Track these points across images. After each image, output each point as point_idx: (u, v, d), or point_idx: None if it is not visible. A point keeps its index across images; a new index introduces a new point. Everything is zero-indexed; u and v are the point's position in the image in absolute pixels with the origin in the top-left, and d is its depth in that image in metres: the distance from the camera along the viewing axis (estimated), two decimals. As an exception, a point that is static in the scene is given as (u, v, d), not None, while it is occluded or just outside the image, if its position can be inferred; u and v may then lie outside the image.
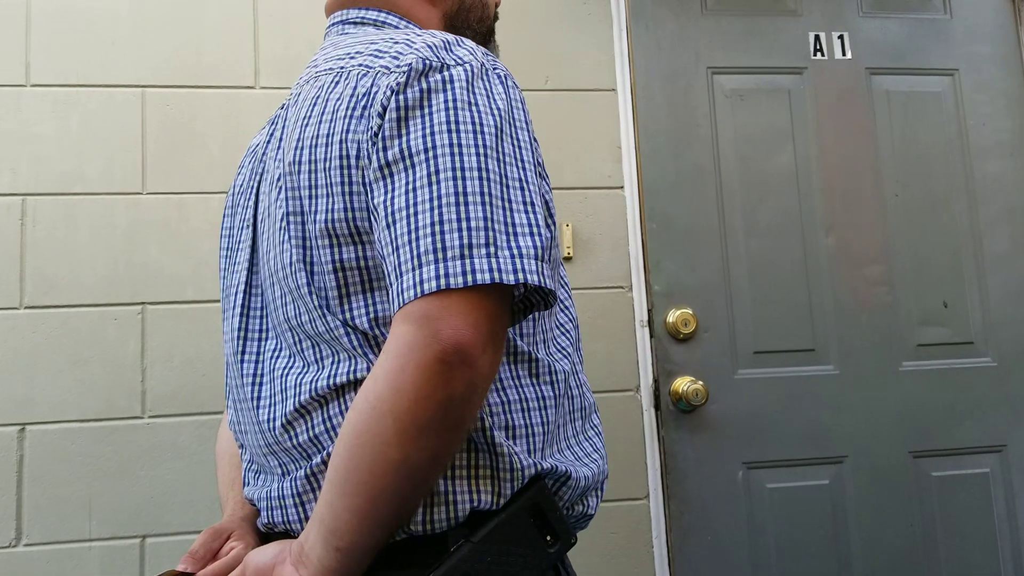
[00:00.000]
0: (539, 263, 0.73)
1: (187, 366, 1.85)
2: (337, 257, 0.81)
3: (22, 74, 1.89)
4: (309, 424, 0.83)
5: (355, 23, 0.99)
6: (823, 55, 2.23)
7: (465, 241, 0.71)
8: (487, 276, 0.70)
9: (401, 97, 0.78)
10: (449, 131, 0.76)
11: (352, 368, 0.81)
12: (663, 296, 2.07)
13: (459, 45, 0.84)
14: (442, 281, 0.70)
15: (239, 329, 0.94)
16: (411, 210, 0.74)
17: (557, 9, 2.13)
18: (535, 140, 0.86)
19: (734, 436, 2.04)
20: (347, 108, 0.82)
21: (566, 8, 2.13)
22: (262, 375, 0.91)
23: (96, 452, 1.80)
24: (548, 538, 0.80)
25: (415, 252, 0.72)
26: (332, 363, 0.83)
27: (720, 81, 2.19)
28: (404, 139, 0.77)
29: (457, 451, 0.76)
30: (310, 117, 0.85)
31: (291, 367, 0.87)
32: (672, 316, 2.04)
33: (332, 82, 0.86)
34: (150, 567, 1.78)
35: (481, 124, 0.77)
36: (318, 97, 0.86)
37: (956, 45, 2.30)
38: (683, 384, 2.00)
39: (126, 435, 1.81)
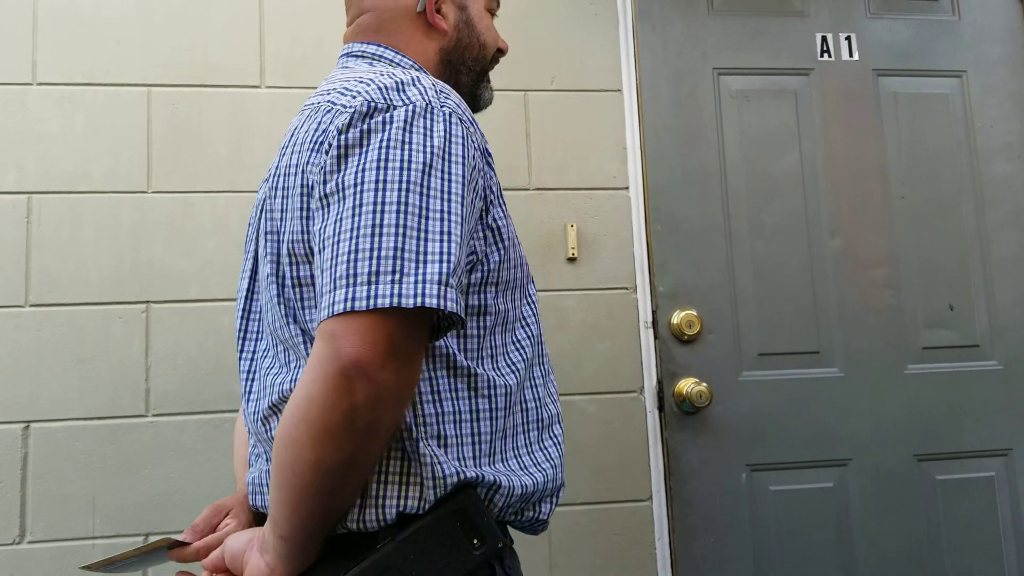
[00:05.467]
0: (442, 288, 0.79)
1: (191, 365, 1.85)
2: (296, 273, 0.92)
3: (28, 72, 1.89)
4: (279, 421, 0.92)
5: (356, 56, 1.09)
6: (830, 56, 2.23)
7: (373, 268, 0.79)
8: (387, 301, 0.77)
9: (343, 137, 0.87)
10: (377, 168, 0.83)
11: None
12: (668, 297, 2.06)
13: (413, 85, 0.91)
14: (348, 304, 0.78)
15: (240, 330, 1.07)
16: (335, 239, 0.82)
17: (563, 9, 2.12)
18: (488, 168, 0.94)
19: (738, 438, 2.04)
20: (310, 142, 0.91)
21: (572, 8, 2.12)
22: (254, 372, 1.03)
23: (100, 450, 1.80)
24: (475, 541, 0.88)
25: (332, 276, 0.80)
26: (295, 367, 0.93)
27: (726, 82, 2.18)
28: (340, 174, 0.86)
29: (380, 453, 0.85)
30: (287, 147, 0.96)
31: (271, 367, 0.98)
32: (677, 317, 2.04)
33: (308, 116, 0.95)
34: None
35: (410, 161, 0.84)
36: (297, 128, 0.96)
37: (964, 47, 2.29)
38: (687, 386, 1.99)
39: (130, 433, 1.81)
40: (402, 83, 0.91)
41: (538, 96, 2.08)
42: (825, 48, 2.23)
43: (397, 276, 0.78)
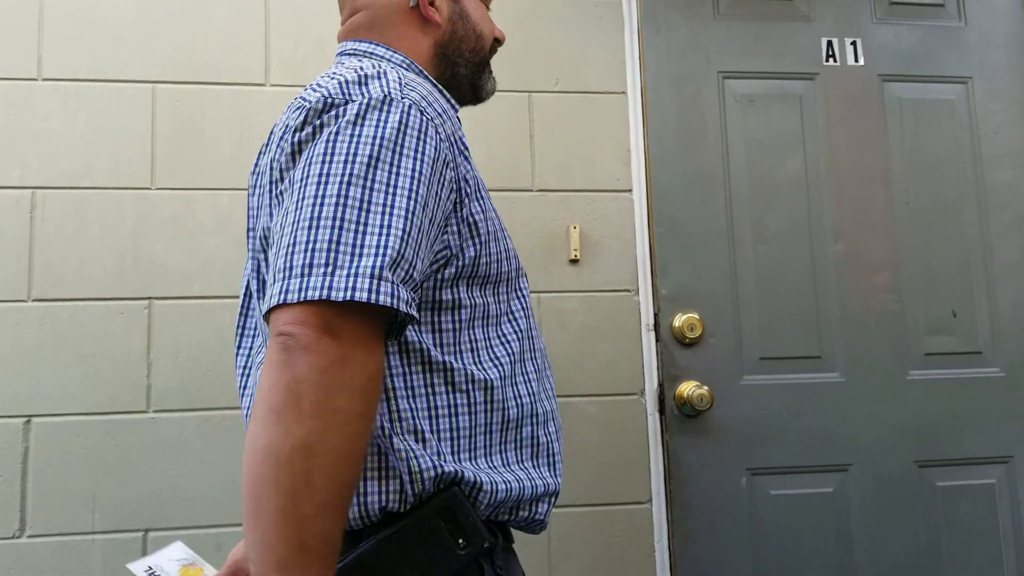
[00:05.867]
0: (375, 281, 0.78)
1: (192, 362, 1.85)
2: (269, 268, 0.91)
3: (34, 68, 1.89)
4: None
5: (348, 55, 1.08)
6: (835, 61, 2.22)
7: (307, 261, 0.79)
8: (317, 293, 0.77)
9: (300, 133, 0.88)
10: (321, 162, 0.84)
11: None
12: (670, 300, 2.06)
13: (377, 79, 0.90)
14: (282, 296, 0.78)
15: (238, 327, 1.06)
16: (280, 232, 0.84)
17: (569, 11, 2.12)
18: (464, 160, 0.94)
19: (738, 442, 2.03)
20: (278, 138, 0.92)
21: (578, 11, 2.12)
22: (248, 368, 1.03)
23: (100, 446, 1.80)
24: (460, 540, 0.87)
25: (274, 269, 0.82)
26: None
27: (731, 85, 2.18)
28: (292, 170, 0.87)
29: (342, 450, 0.76)
30: (268, 144, 0.97)
31: (262, 362, 0.96)
32: (678, 320, 2.04)
33: (284, 112, 0.96)
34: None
35: (354, 154, 0.84)
36: (276, 125, 0.97)
37: (970, 53, 2.28)
38: (688, 389, 1.99)
39: (130, 429, 1.82)
40: (365, 77, 0.90)
41: (542, 98, 2.08)
42: (830, 53, 2.22)
43: (330, 269, 0.78)
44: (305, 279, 0.78)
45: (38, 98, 1.89)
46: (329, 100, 0.88)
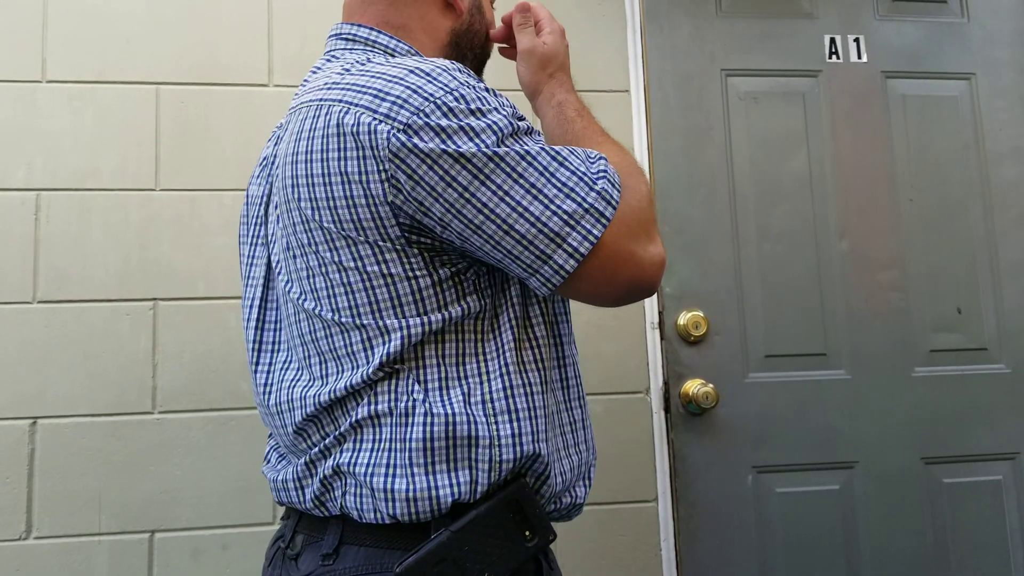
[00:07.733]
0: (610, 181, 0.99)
1: (198, 362, 1.85)
2: (388, 270, 0.90)
3: (38, 69, 1.90)
4: (317, 429, 0.94)
5: (346, 39, 1.06)
6: (838, 58, 2.22)
7: (564, 220, 0.91)
8: (601, 224, 0.94)
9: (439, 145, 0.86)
10: (490, 157, 0.89)
11: (349, 381, 0.90)
12: (674, 298, 2.06)
13: (459, 89, 0.89)
14: (577, 253, 0.92)
15: (253, 341, 1.03)
16: (502, 222, 0.90)
17: (571, 9, 2.12)
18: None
19: (744, 440, 2.03)
20: (339, 150, 0.88)
21: (580, 9, 2.12)
22: (271, 384, 1.01)
23: (106, 447, 1.80)
24: (527, 533, 0.87)
25: (534, 251, 0.90)
26: (335, 379, 0.92)
27: (734, 83, 2.18)
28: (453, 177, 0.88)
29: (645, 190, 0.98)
30: (297, 154, 0.92)
31: (297, 379, 0.96)
32: (683, 318, 2.03)
33: (314, 115, 0.91)
34: (158, 562, 1.78)
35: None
36: (301, 132, 0.92)
37: (973, 49, 2.28)
38: (693, 387, 1.99)
39: (136, 430, 1.82)
40: (445, 93, 0.88)
41: (546, 96, 2.07)
42: (833, 50, 2.22)
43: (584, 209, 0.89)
44: (574, 231, 0.90)
45: (43, 99, 1.89)
46: (433, 109, 0.90)
